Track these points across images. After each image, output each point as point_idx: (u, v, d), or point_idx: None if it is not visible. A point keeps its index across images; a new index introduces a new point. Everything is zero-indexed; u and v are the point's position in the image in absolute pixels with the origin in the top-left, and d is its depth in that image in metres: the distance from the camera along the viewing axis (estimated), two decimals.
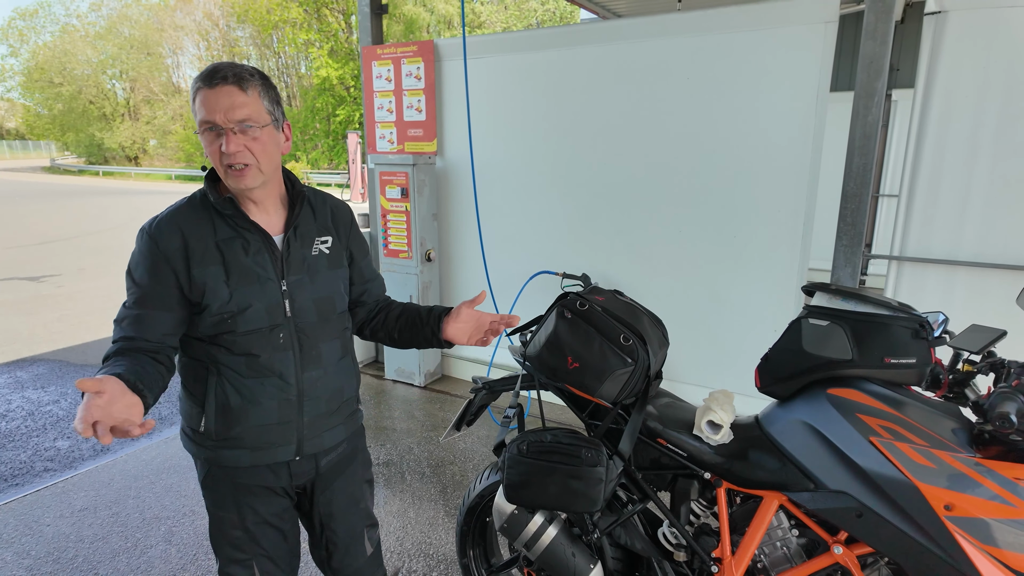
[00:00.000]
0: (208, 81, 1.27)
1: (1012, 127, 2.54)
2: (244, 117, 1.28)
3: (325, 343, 1.49)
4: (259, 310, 1.37)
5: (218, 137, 1.28)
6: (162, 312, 1.33)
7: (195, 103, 1.29)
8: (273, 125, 1.36)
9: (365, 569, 1.71)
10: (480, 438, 3.65)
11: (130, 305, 1.34)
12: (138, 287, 1.34)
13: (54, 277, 8.38)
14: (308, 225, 1.48)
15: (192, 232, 1.35)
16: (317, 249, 1.48)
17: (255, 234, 1.39)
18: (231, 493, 1.48)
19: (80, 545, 2.67)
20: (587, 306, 1.72)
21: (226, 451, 1.43)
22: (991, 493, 1.28)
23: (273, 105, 1.36)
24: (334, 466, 1.59)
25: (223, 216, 1.37)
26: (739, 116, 3.14)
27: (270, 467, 1.47)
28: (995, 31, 2.51)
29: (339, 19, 31.22)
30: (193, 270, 1.33)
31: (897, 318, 1.49)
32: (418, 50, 4.15)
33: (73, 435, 3.74)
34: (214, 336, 1.37)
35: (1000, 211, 2.62)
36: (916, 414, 1.44)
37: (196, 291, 1.34)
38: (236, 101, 1.27)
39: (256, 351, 1.38)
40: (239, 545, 1.50)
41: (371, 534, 1.72)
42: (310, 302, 1.45)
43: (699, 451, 1.67)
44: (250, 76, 1.31)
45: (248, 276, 1.36)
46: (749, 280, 3.27)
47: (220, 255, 1.35)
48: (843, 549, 1.50)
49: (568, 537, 1.75)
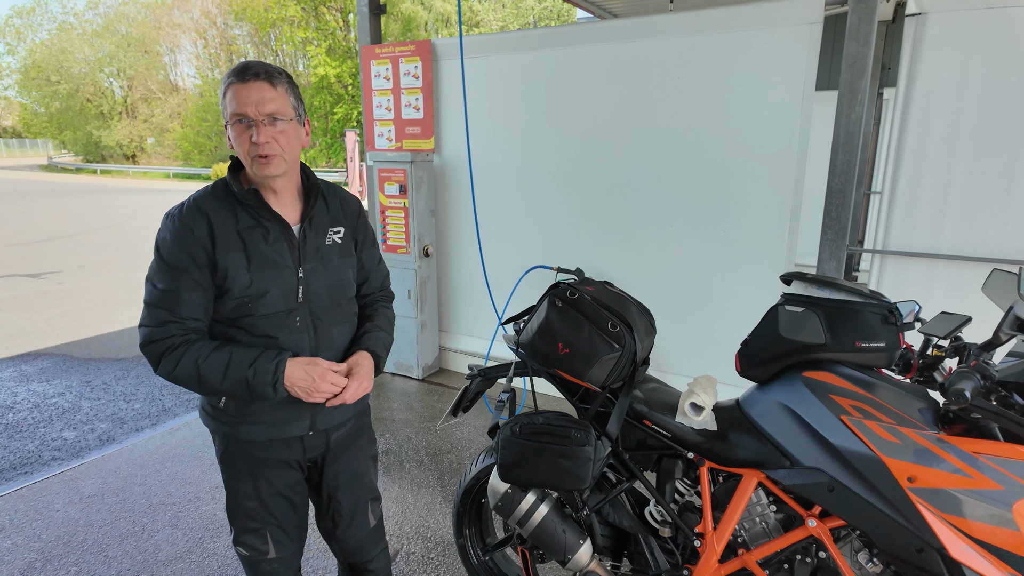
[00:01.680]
0: (240, 77, 1.37)
1: (989, 125, 2.63)
2: (273, 110, 1.38)
3: (337, 326, 1.58)
4: (276, 295, 1.46)
5: (248, 128, 1.38)
6: (198, 293, 1.42)
7: (225, 97, 1.39)
8: (297, 120, 1.46)
9: (367, 539, 1.81)
10: (477, 428, 3.74)
11: (166, 288, 1.41)
12: (173, 269, 1.41)
13: (55, 274, 8.45)
14: (322, 216, 1.58)
15: (216, 219, 1.43)
16: (330, 239, 1.58)
17: (274, 223, 1.47)
18: (247, 466, 1.58)
19: (89, 529, 2.76)
20: (577, 295, 1.81)
21: (244, 426, 1.52)
22: (952, 466, 1.38)
23: (297, 102, 1.47)
24: (342, 441, 1.69)
25: (245, 206, 1.46)
26: (728, 114, 3.23)
27: (285, 441, 1.57)
28: (973, 32, 2.60)
29: (337, 17, 31.22)
30: (218, 255, 1.41)
31: (868, 305, 1.59)
32: (416, 49, 4.23)
33: (79, 425, 3.83)
34: (234, 319, 1.45)
35: (978, 207, 2.71)
36: (885, 395, 1.53)
37: (219, 275, 1.42)
38: (266, 95, 1.37)
39: (274, 333, 1.47)
40: (253, 515, 1.61)
41: (374, 507, 1.82)
42: (323, 288, 1.54)
43: (682, 432, 1.77)
44: (278, 74, 1.41)
45: (267, 263, 1.45)
46: (737, 273, 3.36)
47: (242, 242, 1.44)
48: (817, 523, 1.59)
49: (559, 515, 1.84)
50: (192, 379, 1.40)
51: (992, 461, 1.35)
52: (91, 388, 4.45)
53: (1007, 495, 1.31)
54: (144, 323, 1.42)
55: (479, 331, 4.53)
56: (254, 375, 1.40)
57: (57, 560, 2.55)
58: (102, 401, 4.22)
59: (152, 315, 1.41)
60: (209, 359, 1.40)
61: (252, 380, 1.40)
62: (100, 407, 4.12)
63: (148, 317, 1.42)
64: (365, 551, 1.82)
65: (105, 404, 4.17)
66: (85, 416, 3.98)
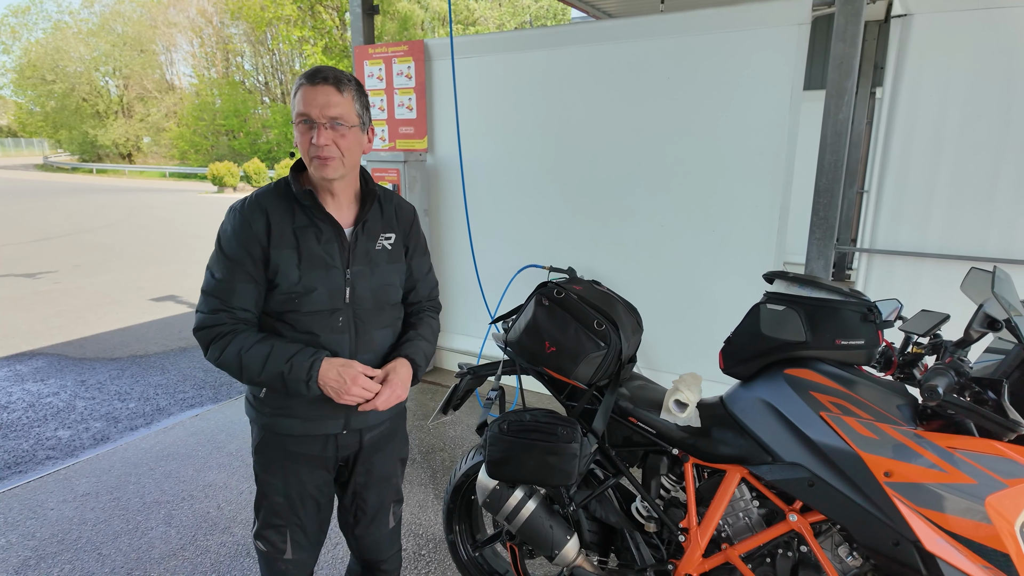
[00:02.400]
0: (311, 79, 1.41)
1: (973, 125, 2.66)
2: (336, 115, 1.42)
3: (378, 330, 1.61)
4: (322, 294, 1.50)
5: (310, 129, 1.42)
6: (250, 285, 1.48)
7: (295, 97, 1.44)
8: (360, 127, 1.50)
9: (385, 540, 1.82)
10: (468, 427, 3.77)
11: (222, 278, 1.47)
12: (230, 261, 1.47)
13: (51, 273, 8.45)
14: (375, 221, 1.61)
15: (275, 216, 1.48)
16: (381, 244, 1.61)
17: (328, 225, 1.52)
18: (280, 460, 1.61)
19: (83, 527, 2.77)
20: (563, 294, 1.84)
21: (281, 419, 1.57)
22: (927, 461, 1.41)
23: (363, 110, 1.51)
24: (376, 441, 1.71)
25: (302, 206, 1.50)
26: (718, 114, 3.26)
27: (318, 438, 1.60)
28: (957, 34, 2.63)
29: (333, 16, 31.20)
30: (272, 250, 1.47)
31: (847, 303, 1.61)
32: (408, 50, 4.25)
33: (74, 425, 3.84)
34: (281, 313, 1.50)
35: (963, 206, 2.74)
36: (864, 391, 1.56)
37: (271, 270, 1.48)
38: (332, 100, 1.41)
39: (316, 331, 1.51)
40: (279, 512, 1.64)
41: (396, 509, 1.84)
42: (368, 291, 1.57)
43: (667, 429, 1.79)
44: (347, 81, 1.45)
45: (317, 262, 1.50)
46: (727, 272, 3.39)
47: (295, 240, 1.49)
48: (798, 517, 1.62)
49: (546, 510, 1.87)
50: (235, 367, 1.46)
51: (966, 456, 1.38)
52: (86, 387, 4.47)
53: (980, 489, 1.34)
54: (199, 309, 1.50)
55: (471, 330, 4.55)
56: (290, 370, 1.44)
57: (51, 558, 2.57)
58: (96, 400, 4.23)
59: (207, 302, 1.48)
60: (252, 350, 1.45)
61: (288, 375, 1.44)
62: (94, 406, 4.13)
63: (203, 304, 1.49)
64: (381, 550, 1.83)
65: (99, 403, 4.18)
66: (80, 415, 3.99)
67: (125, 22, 41.65)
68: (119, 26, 41.57)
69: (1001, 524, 1.32)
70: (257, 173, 25.86)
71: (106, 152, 41.35)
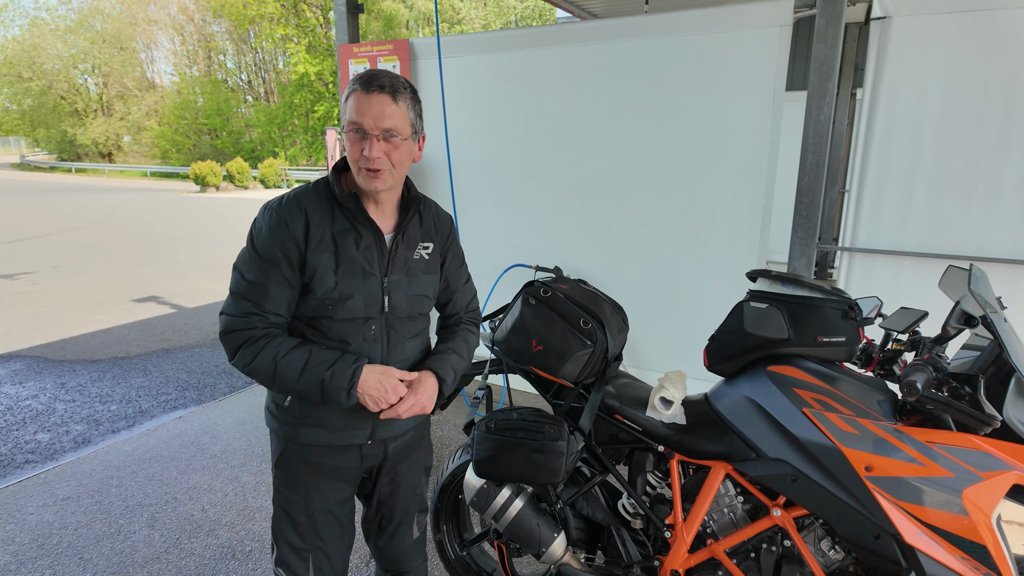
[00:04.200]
0: (366, 86, 1.34)
1: (950, 125, 2.71)
2: (391, 127, 1.35)
3: (410, 340, 1.56)
4: (358, 301, 1.44)
5: (362, 139, 1.35)
6: (284, 288, 1.41)
7: (347, 103, 1.36)
8: (412, 137, 1.44)
9: (408, 551, 1.77)
10: (455, 426, 3.77)
11: (255, 280, 1.39)
12: (265, 261, 1.39)
13: (29, 274, 8.30)
14: (415, 230, 1.56)
15: (314, 218, 1.41)
16: (419, 254, 1.55)
17: (368, 230, 1.45)
18: (303, 473, 1.54)
19: (64, 532, 2.73)
20: (550, 293, 1.85)
21: (305, 428, 1.50)
22: (907, 455, 1.43)
23: (417, 119, 1.44)
24: (401, 451, 1.66)
25: (344, 208, 1.44)
26: (702, 114, 3.29)
27: (343, 448, 1.54)
28: (934, 36, 2.68)
29: (317, 15, 30.97)
30: (309, 253, 1.40)
31: (828, 301, 1.64)
32: (394, 49, 4.24)
33: (54, 428, 3.78)
34: (312, 319, 1.44)
35: (941, 205, 2.79)
36: (845, 387, 1.59)
37: (307, 273, 1.41)
38: (387, 111, 1.34)
39: (348, 339, 1.45)
40: (301, 533, 1.56)
41: (420, 519, 1.79)
42: (403, 300, 1.51)
43: (653, 426, 1.81)
44: (404, 89, 1.38)
45: (355, 268, 1.43)
46: (711, 271, 3.42)
47: (334, 244, 1.42)
48: (781, 512, 1.64)
49: (534, 508, 1.87)
50: (268, 374, 1.38)
51: (944, 450, 1.41)
52: (66, 390, 4.40)
53: (957, 482, 1.37)
54: (227, 311, 1.41)
55: None
56: (331, 377, 1.38)
57: (31, 563, 2.53)
58: (77, 403, 4.17)
59: (236, 304, 1.40)
60: (288, 356, 1.38)
61: (328, 383, 1.38)
62: (75, 409, 4.07)
63: (232, 306, 1.40)
64: (405, 562, 1.78)
65: (80, 406, 4.12)
66: (60, 418, 3.93)
67: (104, 19, 41.00)
68: (98, 23, 40.91)
69: (978, 516, 1.35)
70: (240, 173, 25.61)
71: (85, 151, 40.67)
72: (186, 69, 40.52)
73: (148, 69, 43.41)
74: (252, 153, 33.90)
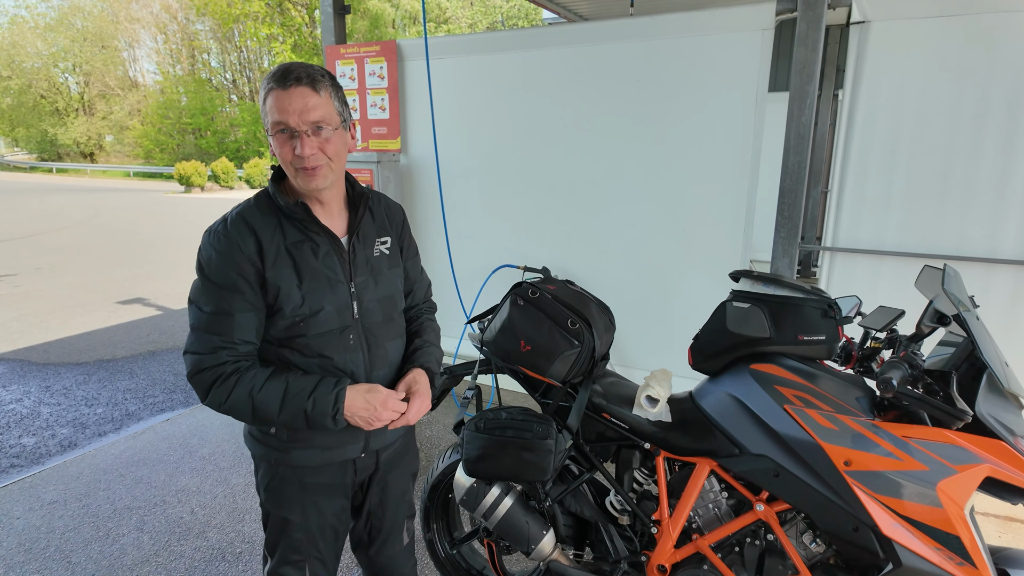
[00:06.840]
0: (282, 82, 1.26)
1: (926, 127, 2.78)
2: (318, 119, 1.28)
3: (390, 342, 1.52)
4: (330, 312, 1.38)
5: (291, 139, 1.28)
6: (250, 313, 1.33)
7: (266, 104, 1.29)
8: (343, 126, 1.37)
9: (399, 557, 1.76)
10: (445, 426, 3.79)
11: (214, 311, 1.31)
12: (222, 289, 1.31)
13: (10, 276, 8.19)
14: (369, 227, 1.51)
15: (264, 234, 1.34)
16: (378, 250, 1.51)
17: (323, 237, 1.39)
18: (297, 494, 1.49)
19: (51, 536, 2.72)
20: (538, 294, 1.88)
21: (296, 451, 1.44)
22: (884, 450, 1.48)
23: (342, 105, 1.37)
24: (391, 459, 1.64)
25: (292, 219, 1.37)
26: (686, 116, 3.33)
27: (338, 465, 1.50)
28: (911, 40, 2.74)
29: (302, 14, 30.76)
30: (267, 272, 1.33)
31: (808, 300, 1.68)
32: (381, 50, 4.24)
33: (39, 432, 3.75)
34: (286, 339, 1.37)
35: (918, 205, 2.86)
36: (825, 384, 1.63)
37: (270, 294, 1.34)
38: (310, 103, 1.27)
39: (328, 353, 1.40)
40: (298, 547, 1.52)
41: (409, 525, 1.78)
42: (375, 303, 1.47)
43: (639, 424, 1.84)
44: (321, 77, 1.30)
45: (319, 279, 1.37)
46: (696, 271, 3.47)
47: (291, 259, 1.35)
48: (765, 507, 1.68)
49: (523, 506, 1.90)
50: (246, 411, 1.31)
51: (920, 444, 1.45)
52: (51, 393, 4.36)
53: (932, 475, 1.42)
54: (192, 349, 1.32)
55: (447, 330, 4.53)
56: (313, 406, 1.32)
57: (19, 567, 2.52)
58: (62, 406, 4.14)
59: (201, 341, 1.31)
60: (264, 389, 1.31)
61: (311, 411, 1.32)
62: (60, 412, 4.04)
63: (196, 343, 1.32)
64: (395, 568, 1.76)
65: (66, 409, 4.09)
66: (45, 422, 3.90)
67: (85, 17, 40.39)
68: (79, 21, 40.29)
69: (952, 508, 1.40)
70: (225, 172, 25.40)
71: (67, 151, 40.08)
72: (169, 68, 40.07)
73: (131, 68, 42.88)
74: (237, 153, 33.61)
